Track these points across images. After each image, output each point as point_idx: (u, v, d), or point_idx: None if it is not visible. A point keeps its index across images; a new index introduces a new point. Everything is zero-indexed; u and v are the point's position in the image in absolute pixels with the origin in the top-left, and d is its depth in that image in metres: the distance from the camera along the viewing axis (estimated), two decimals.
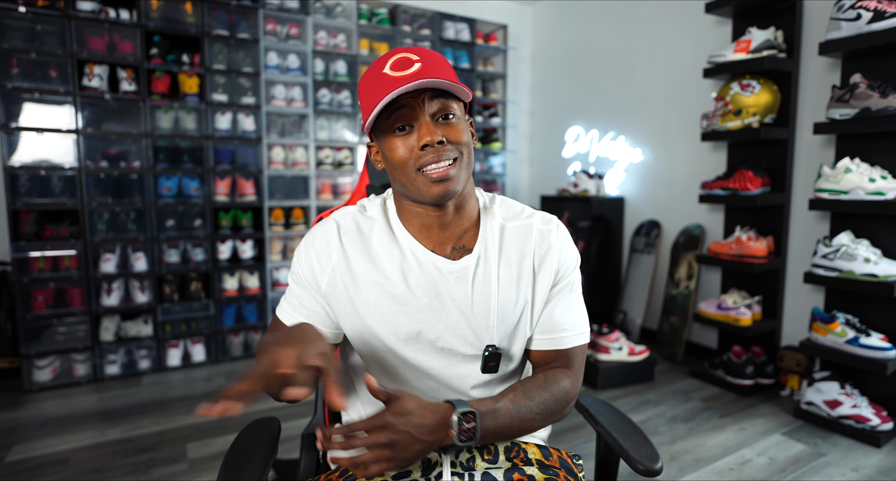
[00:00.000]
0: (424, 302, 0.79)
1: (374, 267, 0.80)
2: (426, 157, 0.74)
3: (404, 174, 0.76)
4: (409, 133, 0.75)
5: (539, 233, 0.85)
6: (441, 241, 0.82)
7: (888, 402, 2.11)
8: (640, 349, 2.66)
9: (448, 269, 0.80)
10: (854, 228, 2.17)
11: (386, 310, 0.79)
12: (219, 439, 2.06)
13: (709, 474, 1.81)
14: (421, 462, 0.80)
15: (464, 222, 0.83)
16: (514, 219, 0.86)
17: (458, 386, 0.82)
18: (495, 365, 0.81)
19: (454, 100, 0.77)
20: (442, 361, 0.81)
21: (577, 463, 0.86)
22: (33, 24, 2.47)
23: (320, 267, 0.80)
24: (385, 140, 0.77)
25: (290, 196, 3.15)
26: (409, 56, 0.75)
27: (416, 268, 0.80)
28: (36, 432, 2.11)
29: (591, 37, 3.62)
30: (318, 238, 0.82)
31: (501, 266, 0.82)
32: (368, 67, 0.79)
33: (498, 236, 0.84)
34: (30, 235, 2.54)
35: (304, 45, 3.10)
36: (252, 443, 0.79)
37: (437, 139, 0.73)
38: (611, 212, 3.38)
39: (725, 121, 2.47)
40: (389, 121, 0.75)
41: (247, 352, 3.05)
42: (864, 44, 1.97)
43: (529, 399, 0.77)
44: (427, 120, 0.74)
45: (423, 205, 0.80)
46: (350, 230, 0.82)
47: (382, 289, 0.79)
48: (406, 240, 0.82)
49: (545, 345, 0.85)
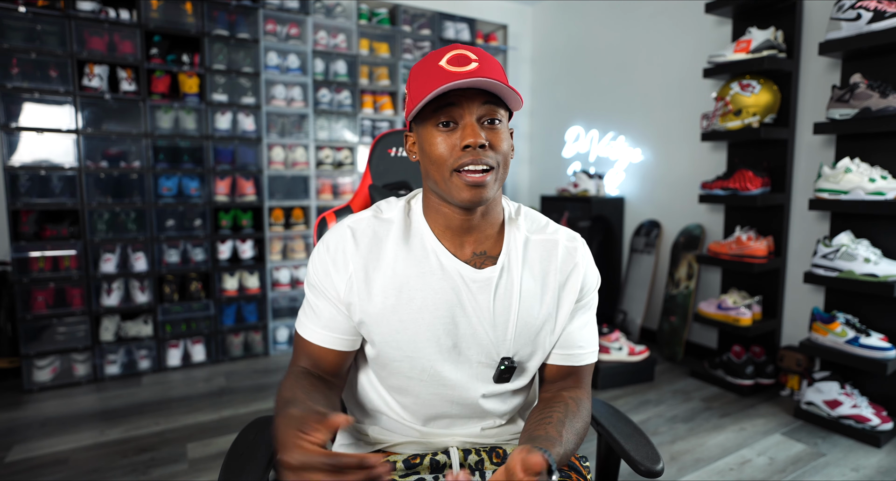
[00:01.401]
0: (444, 309, 0.78)
1: (393, 272, 0.78)
2: (465, 159, 0.72)
3: (439, 171, 0.75)
4: (453, 130, 0.74)
5: (565, 250, 0.84)
6: (462, 244, 0.81)
7: (888, 402, 2.11)
8: (640, 349, 2.66)
9: (472, 278, 0.79)
10: (854, 228, 2.17)
11: (404, 317, 0.77)
12: (219, 439, 2.06)
13: (709, 474, 1.81)
14: (430, 462, 0.81)
15: (487, 228, 0.82)
16: (538, 233, 0.85)
17: (470, 395, 0.81)
18: (508, 377, 0.81)
19: (502, 107, 0.76)
20: (457, 370, 0.80)
21: (584, 465, 0.87)
22: (33, 24, 2.47)
23: (337, 274, 0.79)
24: (426, 132, 0.75)
25: (290, 196, 3.15)
26: (467, 54, 0.74)
27: (439, 272, 0.79)
28: (36, 432, 2.11)
29: (591, 37, 3.62)
30: (332, 245, 0.80)
31: (525, 278, 0.81)
32: (423, 58, 0.78)
33: (522, 248, 0.82)
34: (30, 235, 2.53)
35: (304, 45, 3.10)
36: (252, 443, 0.79)
37: (480, 141, 0.72)
38: (611, 212, 3.38)
39: (725, 121, 2.48)
40: (435, 114, 0.74)
41: (247, 351, 3.05)
42: (864, 44, 1.97)
43: (574, 432, 0.76)
44: (473, 121, 0.73)
45: (450, 205, 0.78)
46: (366, 236, 0.80)
47: (401, 296, 0.78)
48: (430, 242, 0.80)
49: (561, 360, 0.85)
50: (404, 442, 0.84)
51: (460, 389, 0.81)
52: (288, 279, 3.13)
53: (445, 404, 0.81)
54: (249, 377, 2.74)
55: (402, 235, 0.80)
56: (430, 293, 0.78)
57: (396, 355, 0.79)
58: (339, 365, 0.83)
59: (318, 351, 0.81)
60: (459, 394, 0.81)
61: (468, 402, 0.82)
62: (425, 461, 0.81)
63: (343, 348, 0.81)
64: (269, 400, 2.45)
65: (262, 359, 3.01)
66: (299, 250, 3.18)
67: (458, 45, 0.77)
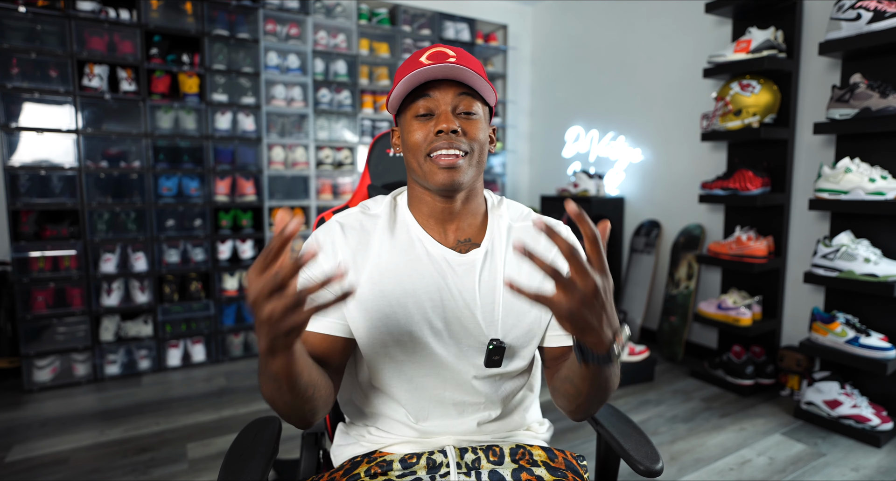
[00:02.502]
0: (433, 291, 0.80)
1: (381, 260, 0.81)
2: (438, 143, 0.77)
3: (415, 157, 0.79)
4: (429, 120, 0.79)
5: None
6: (446, 231, 0.84)
7: (888, 402, 2.11)
8: (640, 349, 2.66)
9: (456, 262, 0.82)
10: (854, 228, 2.17)
11: (393, 302, 0.79)
12: (219, 439, 2.06)
13: (709, 474, 1.81)
14: (426, 461, 0.81)
15: (469, 217, 0.85)
16: (521, 220, 0.89)
17: (462, 377, 0.82)
18: (499, 360, 0.82)
19: (480, 102, 0.81)
20: (447, 353, 0.81)
21: (581, 464, 0.87)
22: (33, 24, 2.47)
23: (326, 260, 0.81)
24: (405, 123, 0.81)
25: (290, 196, 3.15)
26: (446, 50, 0.80)
27: (426, 258, 0.81)
28: (36, 432, 2.11)
29: (591, 37, 3.62)
30: (321, 237, 0.83)
31: (508, 261, 0.83)
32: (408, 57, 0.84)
33: (506, 234, 0.85)
34: (30, 235, 2.54)
35: (304, 45, 3.10)
36: (252, 443, 0.79)
37: (452, 127, 0.76)
38: (611, 212, 3.38)
39: (725, 121, 2.47)
40: (413, 104, 0.79)
41: (247, 351, 3.05)
42: (864, 44, 1.97)
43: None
44: (448, 109, 0.78)
45: (431, 193, 0.82)
46: (354, 228, 0.84)
47: (390, 281, 0.80)
48: (415, 230, 0.84)
49: (561, 341, 0.85)
50: (401, 442, 0.84)
51: (452, 370, 0.81)
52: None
53: (438, 386, 0.81)
54: (249, 377, 2.74)
55: (388, 227, 0.84)
56: (417, 277, 0.80)
57: (387, 340, 0.79)
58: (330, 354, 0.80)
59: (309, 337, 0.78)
60: (451, 375, 0.81)
61: (460, 382, 0.82)
62: (422, 460, 0.81)
63: (334, 333, 0.79)
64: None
65: None
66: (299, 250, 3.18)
67: (441, 45, 0.82)
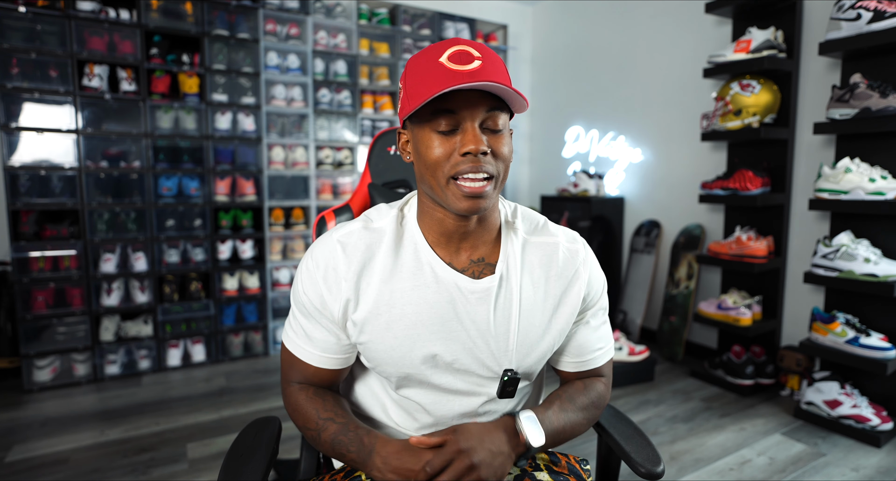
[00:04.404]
0: (439, 324, 0.74)
1: (386, 288, 0.74)
2: (463, 166, 0.68)
3: (434, 177, 0.70)
4: (452, 134, 0.68)
5: (566, 253, 0.81)
6: (459, 250, 0.77)
7: (888, 402, 2.11)
8: (640, 349, 2.66)
9: (469, 289, 0.75)
10: (854, 228, 2.17)
11: (398, 333, 0.74)
12: (219, 439, 2.06)
13: (709, 474, 1.81)
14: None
15: (484, 234, 0.78)
16: (536, 235, 0.81)
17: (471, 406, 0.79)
18: (513, 391, 0.77)
19: (505, 109, 0.71)
20: (457, 383, 0.77)
21: (584, 468, 0.87)
22: (33, 24, 2.47)
23: (331, 295, 0.75)
24: (422, 133, 0.70)
25: (290, 196, 3.15)
26: (469, 50, 0.68)
27: (434, 285, 0.75)
28: (36, 432, 2.11)
29: (591, 37, 3.62)
30: (321, 263, 0.75)
31: (524, 286, 0.77)
32: (420, 51, 0.71)
33: (520, 253, 0.79)
34: (30, 235, 2.53)
35: (304, 45, 3.10)
36: (252, 443, 0.79)
37: (482, 148, 0.67)
38: (611, 212, 3.38)
39: (725, 121, 2.47)
40: (434, 115, 0.68)
41: (247, 351, 3.05)
42: (864, 44, 1.97)
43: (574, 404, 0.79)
44: (475, 125, 0.68)
45: (445, 211, 0.74)
46: (357, 249, 0.75)
47: (394, 311, 0.74)
48: (424, 251, 0.76)
49: (576, 367, 0.86)
50: None
51: (460, 400, 0.79)
52: (288, 279, 3.13)
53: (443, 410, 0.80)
54: (249, 377, 2.74)
55: (393, 246, 0.76)
56: (424, 307, 0.74)
57: (393, 371, 0.76)
58: (335, 380, 0.83)
59: (312, 370, 0.80)
60: (458, 404, 0.79)
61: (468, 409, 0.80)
62: None
63: (338, 367, 0.81)
64: (270, 400, 2.45)
65: (262, 359, 3.01)
66: (299, 250, 3.18)
67: (460, 39, 0.70)
